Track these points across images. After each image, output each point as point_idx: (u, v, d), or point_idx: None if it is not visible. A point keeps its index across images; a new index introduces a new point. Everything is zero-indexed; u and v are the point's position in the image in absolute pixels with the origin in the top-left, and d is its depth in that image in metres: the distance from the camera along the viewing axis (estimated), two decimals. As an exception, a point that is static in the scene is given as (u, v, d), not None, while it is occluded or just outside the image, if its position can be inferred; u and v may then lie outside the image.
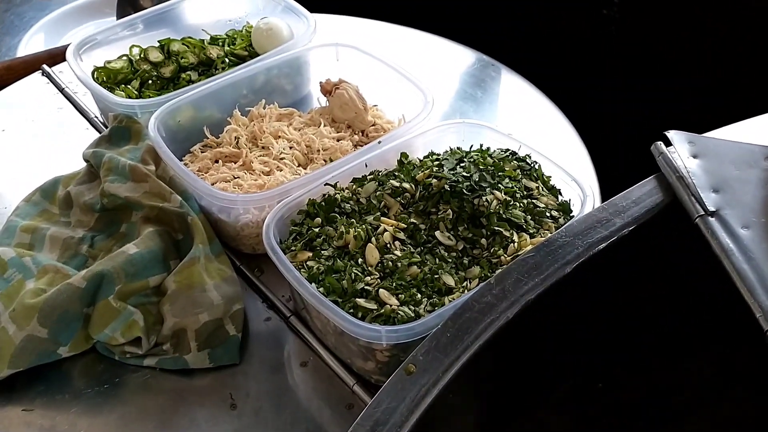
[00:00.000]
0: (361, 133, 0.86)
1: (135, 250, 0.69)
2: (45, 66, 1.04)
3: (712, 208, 0.56)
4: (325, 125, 0.85)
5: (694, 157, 0.60)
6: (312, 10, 0.97)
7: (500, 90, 0.98)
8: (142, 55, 0.94)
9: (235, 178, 0.78)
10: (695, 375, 0.61)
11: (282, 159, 0.80)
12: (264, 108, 0.87)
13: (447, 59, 1.02)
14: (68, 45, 1.09)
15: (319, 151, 0.82)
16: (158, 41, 0.96)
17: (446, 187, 0.68)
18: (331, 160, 0.80)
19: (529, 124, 0.89)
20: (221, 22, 1.02)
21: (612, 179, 0.79)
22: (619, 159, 0.87)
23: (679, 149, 0.61)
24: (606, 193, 0.75)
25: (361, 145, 0.83)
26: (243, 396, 0.66)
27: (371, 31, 1.07)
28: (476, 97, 0.96)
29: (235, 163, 0.81)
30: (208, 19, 1.02)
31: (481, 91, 0.97)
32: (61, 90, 1.00)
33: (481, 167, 0.69)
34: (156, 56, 0.94)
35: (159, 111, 0.80)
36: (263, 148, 0.82)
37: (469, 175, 0.68)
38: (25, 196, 0.82)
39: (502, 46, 1.04)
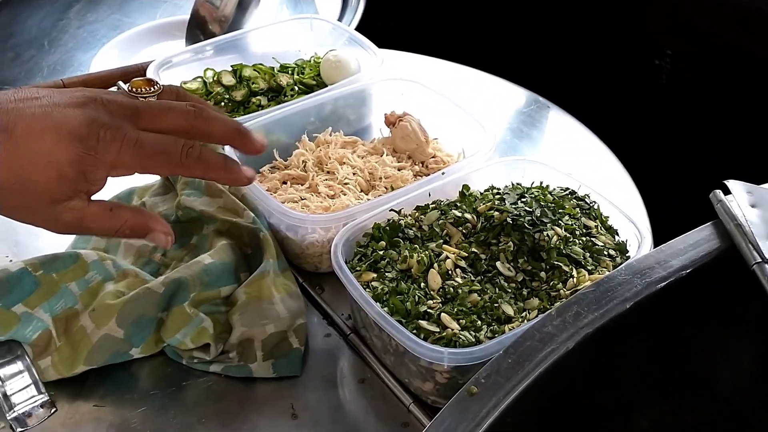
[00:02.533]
0: (421, 164, 0.90)
1: (210, 260, 0.73)
2: (120, 82, 1.09)
3: (769, 256, 0.59)
4: (387, 154, 0.89)
5: (753, 206, 0.63)
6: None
7: (555, 130, 1.01)
8: (215, 78, 0.99)
9: (302, 199, 0.82)
10: (746, 418, 0.63)
11: (346, 184, 0.84)
12: (330, 135, 0.92)
13: (504, 98, 1.06)
14: (142, 63, 1.15)
15: (381, 178, 0.86)
16: (231, 66, 1.01)
17: (508, 220, 0.71)
18: (392, 188, 0.84)
19: (583, 166, 0.92)
20: (290, 52, 1.06)
21: (658, 224, 0.81)
22: (665, 205, 0.89)
23: (738, 198, 0.63)
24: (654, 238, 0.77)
25: (421, 176, 0.87)
26: (303, 407, 0.69)
27: (428, 67, 1.12)
28: (531, 135, 1.00)
29: (301, 185, 0.85)
30: (274, 48, 1.07)
31: (536, 131, 1.00)
32: (135, 106, 1.05)
33: (542, 203, 0.72)
34: (228, 80, 0.99)
35: (234, 132, 0.85)
36: (328, 172, 0.86)
37: (531, 210, 0.71)
38: (102, 203, 0.86)
39: (557, 89, 1.07)
